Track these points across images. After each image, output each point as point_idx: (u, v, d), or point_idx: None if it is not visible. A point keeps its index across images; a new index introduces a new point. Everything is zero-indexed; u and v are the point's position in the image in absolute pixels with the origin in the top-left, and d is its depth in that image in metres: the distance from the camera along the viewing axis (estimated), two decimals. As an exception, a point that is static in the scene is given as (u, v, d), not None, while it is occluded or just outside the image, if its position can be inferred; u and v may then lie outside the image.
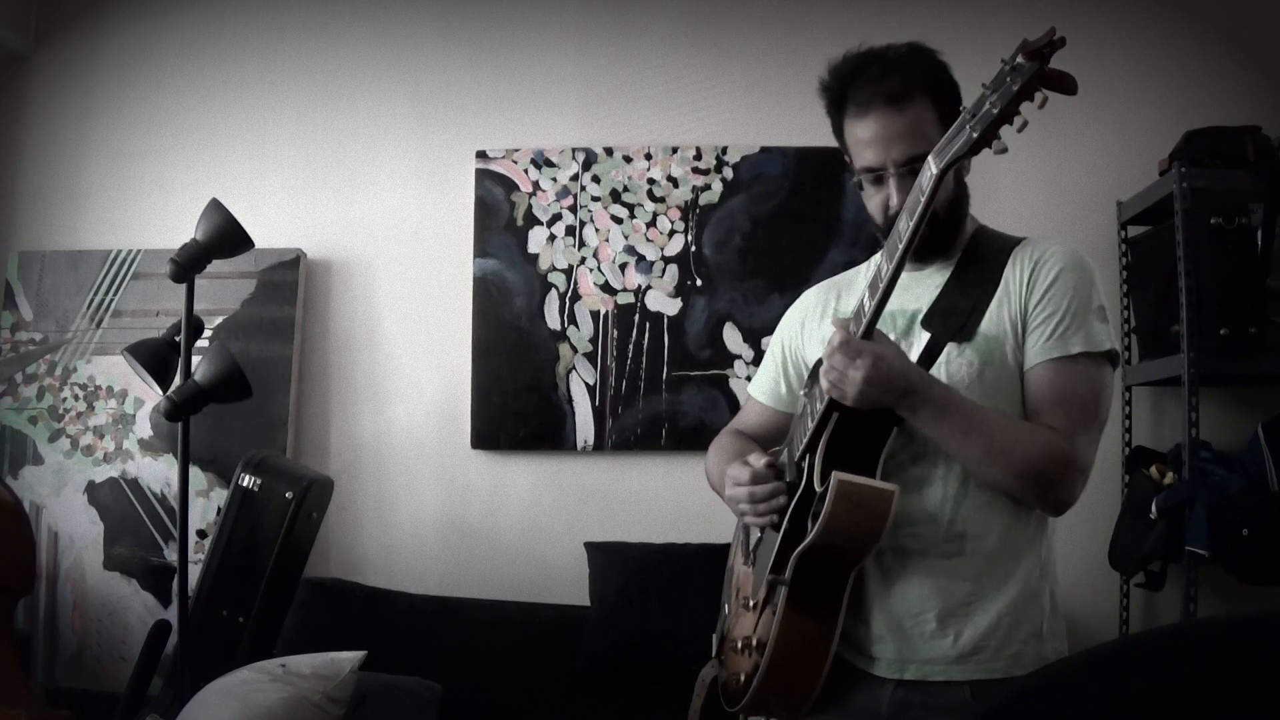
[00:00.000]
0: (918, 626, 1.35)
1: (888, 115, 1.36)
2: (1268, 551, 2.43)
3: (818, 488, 1.30)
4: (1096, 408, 1.35)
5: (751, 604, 1.45)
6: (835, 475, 1.26)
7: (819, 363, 1.33)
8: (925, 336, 1.38)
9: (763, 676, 1.34)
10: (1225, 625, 0.80)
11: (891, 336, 1.41)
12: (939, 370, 1.36)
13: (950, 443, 1.31)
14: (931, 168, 1.19)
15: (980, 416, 1.31)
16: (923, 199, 1.20)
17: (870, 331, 1.29)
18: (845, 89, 1.41)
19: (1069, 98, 1.11)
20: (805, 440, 1.37)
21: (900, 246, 1.23)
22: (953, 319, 1.38)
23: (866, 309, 1.29)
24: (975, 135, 1.13)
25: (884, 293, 1.26)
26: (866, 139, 1.39)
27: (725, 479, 1.47)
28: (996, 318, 1.37)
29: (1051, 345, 1.34)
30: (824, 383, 1.30)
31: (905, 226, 1.23)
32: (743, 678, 1.40)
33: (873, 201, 1.43)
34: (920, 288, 1.43)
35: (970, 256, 1.43)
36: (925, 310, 1.40)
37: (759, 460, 1.44)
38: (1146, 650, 0.79)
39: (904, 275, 1.42)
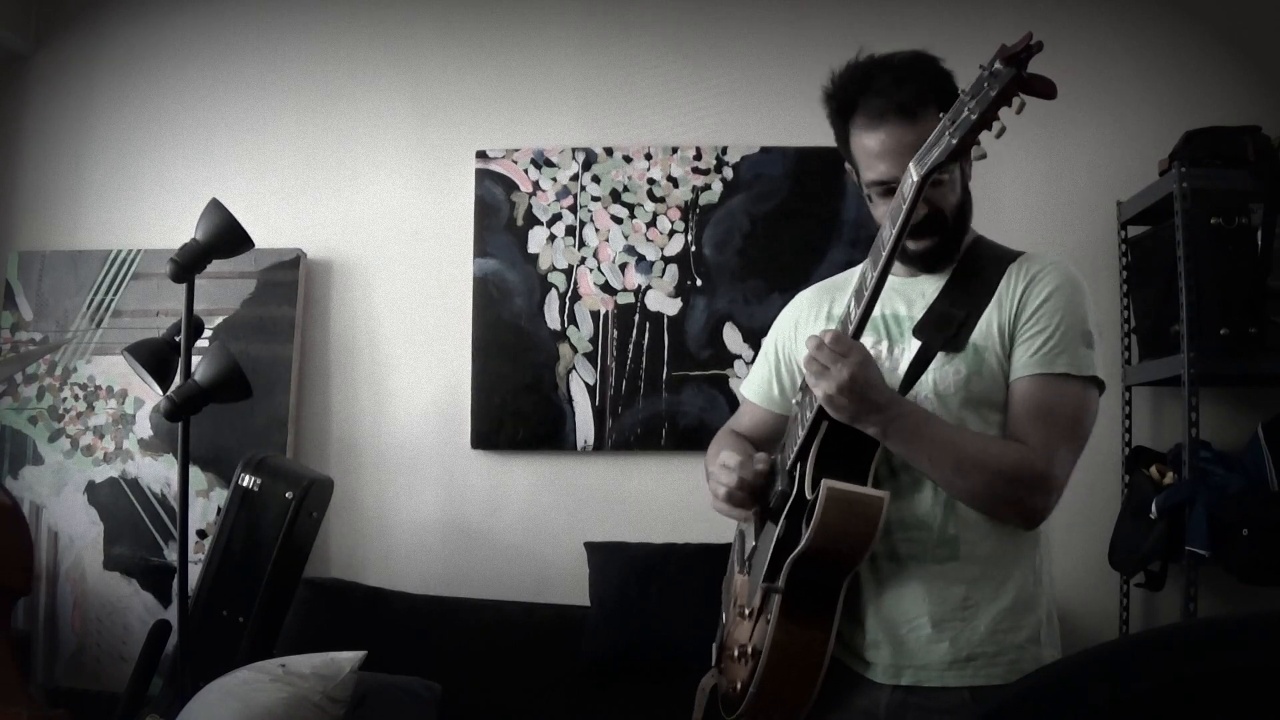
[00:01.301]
0: (912, 632, 1.35)
1: (901, 127, 1.34)
2: (1268, 551, 2.43)
3: (809, 495, 1.30)
4: (1076, 426, 1.34)
5: (747, 612, 1.45)
6: (825, 483, 1.26)
7: None
8: (916, 344, 1.38)
9: (758, 683, 1.33)
10: (1225, 625, 0.80)
11: (884, 343, 1.42)
12: (927, 377, 1.36)
13: (921, 461, 1.31)
14: (913, 175, 1.18)
15: (950, 435, 1.31)
16: (904, 206, 1.19)
17: (856, 338, 1.29)
18: (854, 99, 1.38)
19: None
20: (797, 448, 1.37)
21: (884, 254, 1.22)
22: (944, 328, 1.37)
23: (852, 317, 1.29)
24: (954, 142, 1.12)
25: (868, 301, 1.26)
26: (879, 151, 1.36)
27: (717, 459, 1.48)
28: (987, 329, 1.37)
29: (1036, 361, 1.34)
30: (809, 376, 1.29)
31: (888, 235, 1.22)
32: (739, 685, 1.40)
33: (881, 212, 1.39)
34: (914, 294, 1.43)
35: (966, 266, 1.42)
36: (918, 318, 1.40)
37: (761, 458, 1.45)
38: (1146, 650, 0.79)
39: (898, 281, 1.43)
